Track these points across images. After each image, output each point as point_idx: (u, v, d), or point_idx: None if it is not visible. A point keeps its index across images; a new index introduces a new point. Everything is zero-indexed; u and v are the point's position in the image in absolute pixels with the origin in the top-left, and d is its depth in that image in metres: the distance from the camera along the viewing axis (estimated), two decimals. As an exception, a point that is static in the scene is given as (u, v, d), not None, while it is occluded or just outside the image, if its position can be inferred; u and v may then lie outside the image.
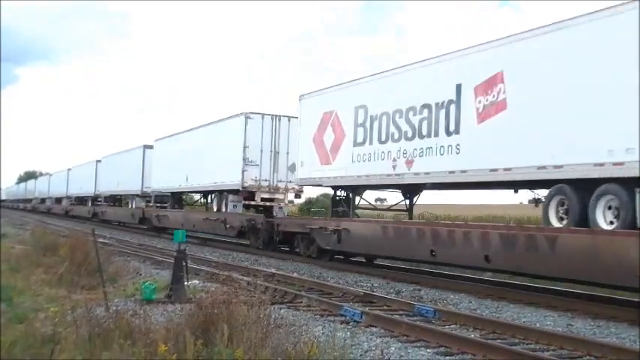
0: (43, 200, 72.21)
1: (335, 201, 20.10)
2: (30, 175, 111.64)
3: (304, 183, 21.53)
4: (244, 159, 23.84)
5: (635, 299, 11.88)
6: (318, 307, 10.55)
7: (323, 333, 8.26)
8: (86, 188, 50.35)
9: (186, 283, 11.15)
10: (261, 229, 22.23)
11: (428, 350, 7.89)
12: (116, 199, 45.49)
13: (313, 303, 10.83)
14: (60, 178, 61.98)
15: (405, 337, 8.48)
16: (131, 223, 38.19)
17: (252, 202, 24.69)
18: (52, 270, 13.17)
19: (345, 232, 17.45)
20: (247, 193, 24.38)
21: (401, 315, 10.11)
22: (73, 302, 8.07)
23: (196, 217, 28.49)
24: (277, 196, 24.69)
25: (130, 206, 40.19)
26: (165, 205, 34.61)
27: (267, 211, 24.47)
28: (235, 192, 24.84)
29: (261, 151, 24.02)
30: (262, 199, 24.52)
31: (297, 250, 20.49)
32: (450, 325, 9.56)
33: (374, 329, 8.99)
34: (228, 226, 24.19)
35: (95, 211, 46.73)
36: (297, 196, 25.60)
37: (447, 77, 14.73)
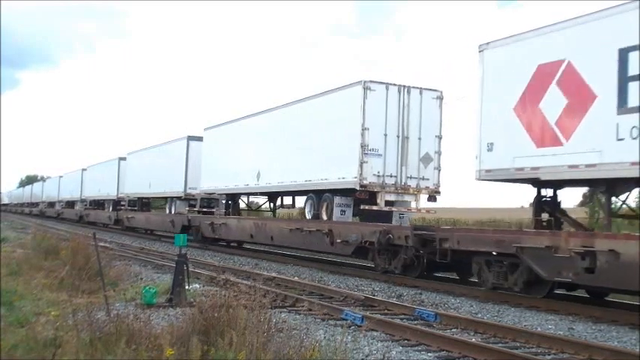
0: (51, 204, 66.30)
1: (539, 205, 13.61)
2: (31, 179, 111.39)
3: (496, 177, 13.63)
4: (363, 146, 17.28)
5: (636, 302, 11.88)
6: (319, 311, 10.55)
7: (324, 337, 8.26)
8: (106, 190, 44.22)
9: (187, 287, 11.16)
10: (404, 245, 15.09)
11: (429, 354, 7.91)
12: (143, 203, 38.16)
13: (314, 307, 10.81)
14: (72, 180, 55.76)
15: (406, 341, 8.50)
16: (170, 231, 30.70)
17: (375, 207, 17.83)
18: (52, 274, 13.18)
19: (607, 257, 10.49)
20: (367, 194, 17.66)
21: (402, 319, 10.11)
22: (74, 306, 8.06)
23: (278, 227, 21.17)
24: (406, 198, 18.19)
25: (167, 211, 33.18)
26: (211, 209, 28.49)
27: (382, 219, 17.88)
28: (346, 192, 18.36)
29: (385, 135, 17.59)
30: (386, 203, 17.92)
31: (478, 279, 13.61)
32: (451, 328, 9.57)
33: (375, 333, 8.99)
34: (338, 240, 17.27)
35: (119, 216, 39.62)
36: (432, 198, 18.44)
37: None
